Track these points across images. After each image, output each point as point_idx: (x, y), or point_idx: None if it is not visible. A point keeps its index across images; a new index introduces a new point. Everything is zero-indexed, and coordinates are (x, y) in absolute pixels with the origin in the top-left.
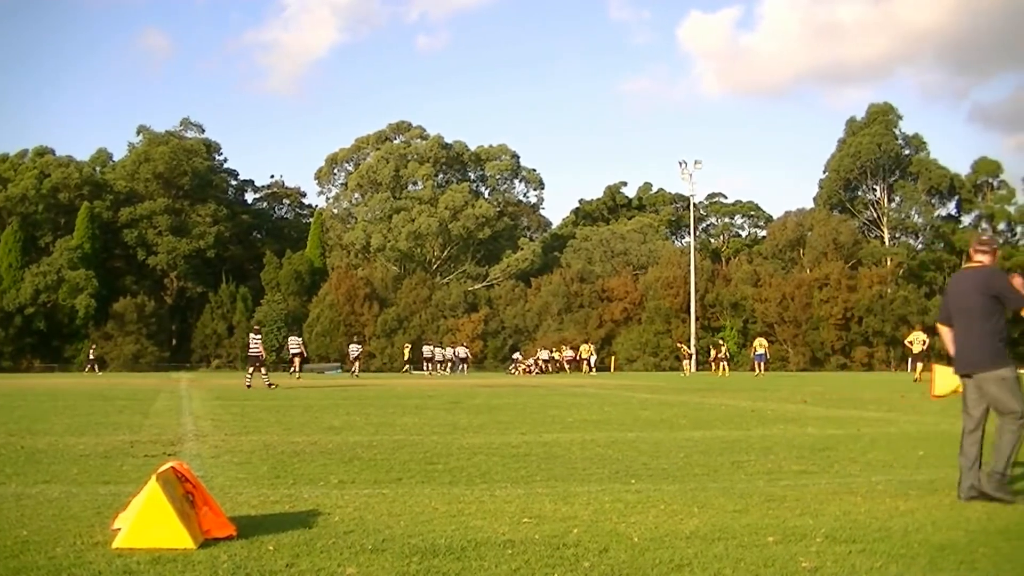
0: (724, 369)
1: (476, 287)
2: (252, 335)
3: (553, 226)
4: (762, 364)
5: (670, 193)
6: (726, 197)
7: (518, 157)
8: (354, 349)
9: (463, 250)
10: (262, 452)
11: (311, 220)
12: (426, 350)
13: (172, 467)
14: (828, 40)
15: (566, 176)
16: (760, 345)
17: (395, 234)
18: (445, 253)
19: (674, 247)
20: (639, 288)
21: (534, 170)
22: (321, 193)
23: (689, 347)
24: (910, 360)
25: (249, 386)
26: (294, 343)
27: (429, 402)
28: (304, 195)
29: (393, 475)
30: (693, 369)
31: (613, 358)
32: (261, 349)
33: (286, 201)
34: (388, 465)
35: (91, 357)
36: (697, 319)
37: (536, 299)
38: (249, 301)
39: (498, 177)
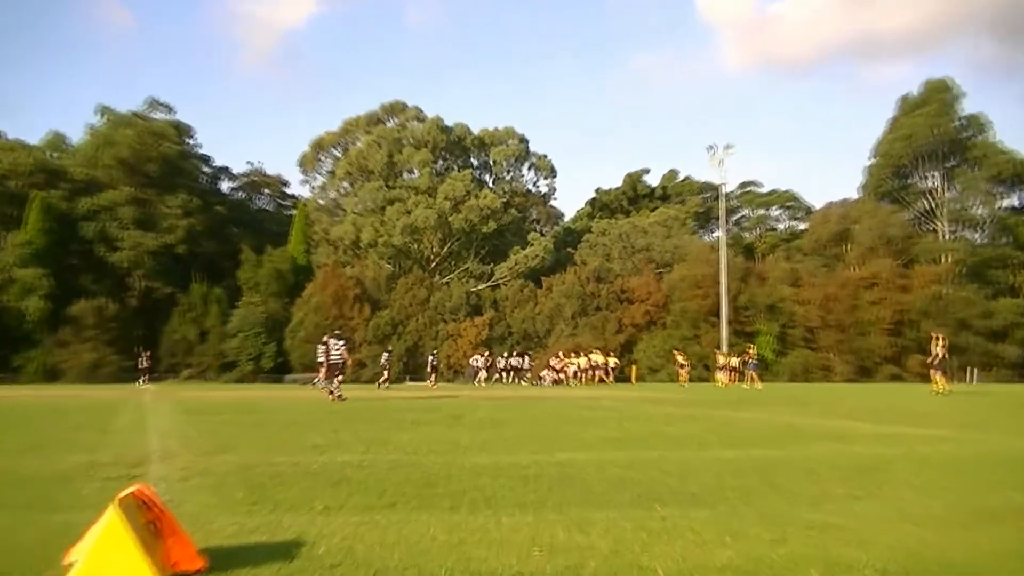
0: (720, 380)
1: (480, 287)
2: (333, 340)
3: (566, 219)
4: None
5: (698, 182)
6: (761, 186)
7: (526, 142)
8: (323, 351)
9: (465, 246)
10: (238, 474)
11: (294, 212)
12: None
13: (135, 492)
14: (865, 7)
15: (581, 163)
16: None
17: (389, 228)
18: (445, 249)
19: (703, 242)
20: (663, 288)
21: (545, 156)
22: (305, 182)
23: (686, 354)
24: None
25: (341, 396)
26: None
27: (427, 417)
28: (286, 184)
29: (386, 500)
30: (726, 379)
31: (634, 368)
32: (345, 355)
33: (266, 191)
34: (381, 488)
35: (143, 365)
36: (729, 323)
37: (547, 301)
38: (224, 303)
39: (504, 164)
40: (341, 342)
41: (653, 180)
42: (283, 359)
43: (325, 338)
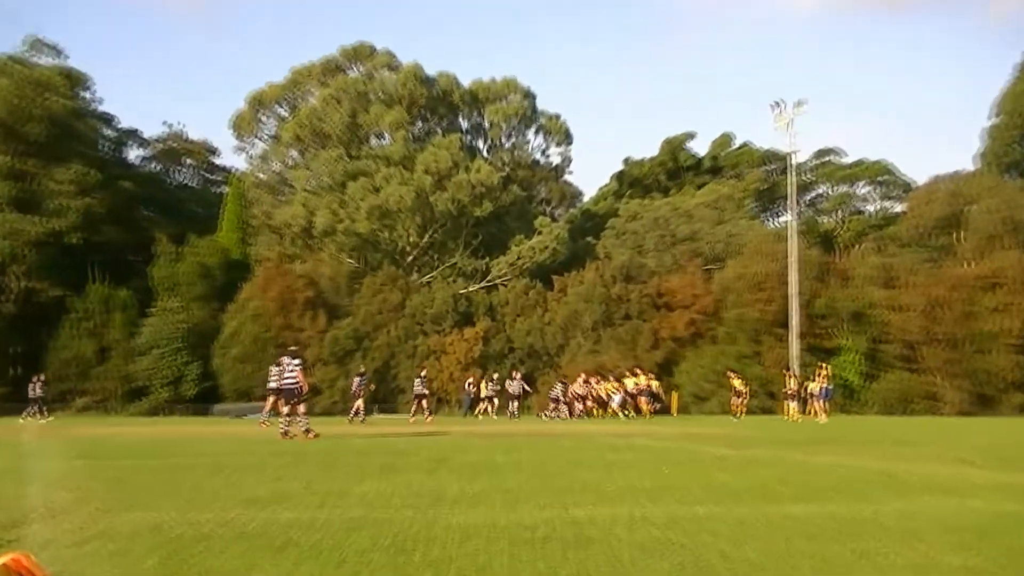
0: (738, 408)
1: (471, 288)
2: (288, 359)
3: (585, 199)
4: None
5: (759, 149)
6: (843, 155)
7: (533, 97)
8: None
9: (452, 234)
10: (149, 537)
11: (226, 190)
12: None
13: (8, 562)
14: None
15: (604, 125)
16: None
17: (351, 211)
18: (425, 239)
19: (766, 229)
20: (713, 291)
21: (557, 116)
22: (241, 150)
23: (744, 378)
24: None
25: (287, 433)
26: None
27: (402, 461)
28: (215, 152)
29: (346, 570)
30: (797, 411)
31: (674, 395)
32: (301, 378)
33: (189, 161)
34: (339, 556)
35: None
36: (800, 336)
37: (560, 307)
38: (132, 310)
39: (504, 127)
40: (296, 361)
41: (700, 148)
42: (211, 384)
43: (282, 358)
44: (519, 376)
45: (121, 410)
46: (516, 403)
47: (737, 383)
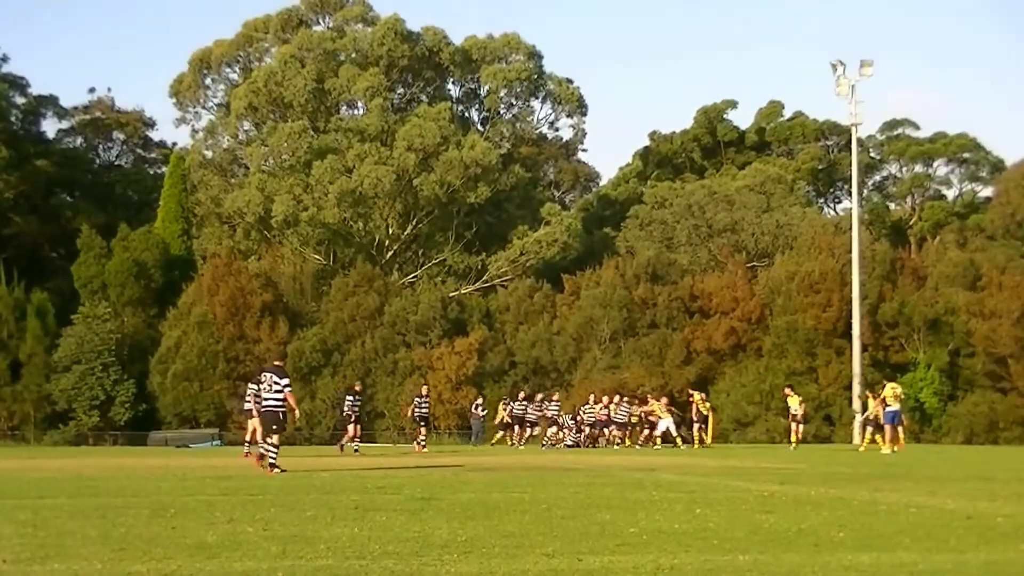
0: (795, 435)
1: (464, 290)
2: (271, 375)
3: (603, 182)
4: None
5: (815, 121)
6: (917, 128)
7: (539, 58)
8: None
9: (440, 225)
10: None
11: (164, 170)
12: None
13: None
14: None
15: (626, 93)
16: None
17: (317, 196)
18: (408, 231)
19: (822, 218)
20: (759, 293)
21: (568, 81)
22: (183, 122)
23: (798, 396)
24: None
25: (274, 465)
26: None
27: (380, 499)
28: (152, 125)
29: None
30: (865, 438)
31: (710, 418)
32: (291, 401)
33: (118, 136)
34: None
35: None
36: (865, 349)
37: (572, 313)
38: (50, 316)
39: (504, 94)
40: (284, 381)
41: (742, 119)
42: (147, 407)
43: (264, 374)
44: (557, 398)
45: (38, 439)
46: (517, 429)
47: (794, 402)
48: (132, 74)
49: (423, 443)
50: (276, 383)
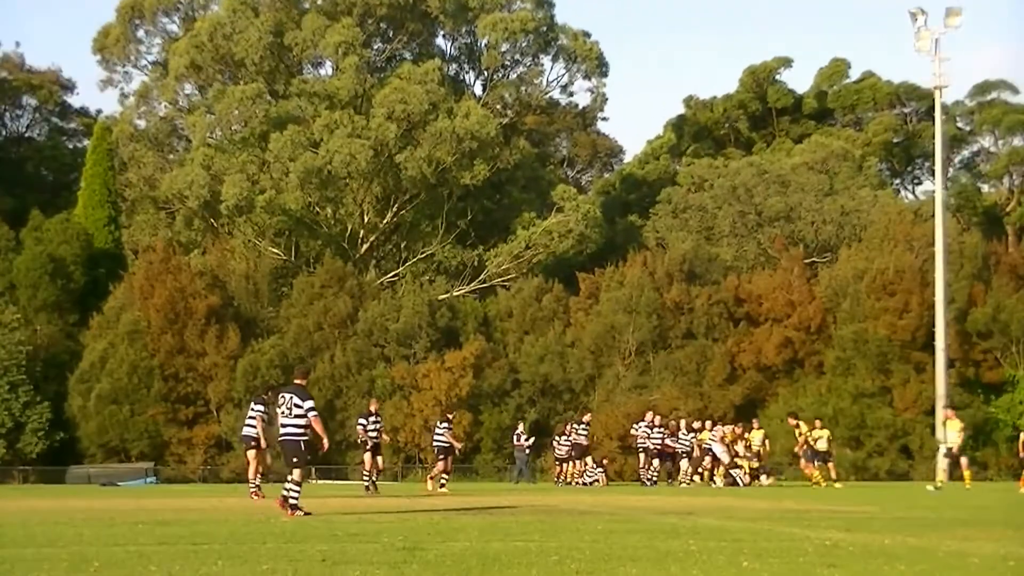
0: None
1: (457, 292)
2: (292, 397)
3: (627, 158)
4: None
5: (888, 83)
6: (1015, 91)
7: (551, 5)
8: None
9: (427, 212)
10: None
11: (87, 144)
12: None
13: None
14: None
15: (654, 51)
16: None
17: (276, 176)
18: (388, 219)
19: (898, 203)
20: (820, 296)
21: (586, 36)
22: (108, 84)
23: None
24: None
25: (257, 492)
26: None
27: (353, 549)
28: (71, 88)
29: None
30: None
31: (762, 446)
32: (318, 428)
33: (29, 101)
34: None
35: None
36: (952, 365)
37: (590, 320)
38: None
39: (507, 50)
40: (307, 404)
41: (799, 83)
42: (66, 436)
43: (282, 394)
44: (588, 419)
45: None
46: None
47: (821, 436)
48: (46, 25)
49: (437, 480)
50: (298, 406)
